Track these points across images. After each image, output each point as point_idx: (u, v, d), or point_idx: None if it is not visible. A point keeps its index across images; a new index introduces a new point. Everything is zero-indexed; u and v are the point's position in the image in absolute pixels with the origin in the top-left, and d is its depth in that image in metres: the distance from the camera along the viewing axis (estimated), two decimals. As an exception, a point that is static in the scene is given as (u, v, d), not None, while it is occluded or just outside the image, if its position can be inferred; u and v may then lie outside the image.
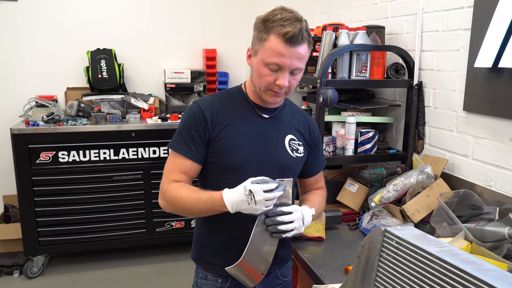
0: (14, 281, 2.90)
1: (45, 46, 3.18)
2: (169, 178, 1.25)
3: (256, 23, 1.20)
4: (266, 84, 1.20)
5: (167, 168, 1.27)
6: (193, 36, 3.47)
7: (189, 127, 1.24)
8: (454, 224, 1.43)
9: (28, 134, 2.74)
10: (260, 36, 1.17)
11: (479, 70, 1.59)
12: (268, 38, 1.15)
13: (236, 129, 1.24)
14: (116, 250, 3.20)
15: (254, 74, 1.22)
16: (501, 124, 1.54)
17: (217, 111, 1.24)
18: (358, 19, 2.48)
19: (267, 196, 1.10)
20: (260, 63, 1.18)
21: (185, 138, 1.24)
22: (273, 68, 1.17)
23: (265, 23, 1.16)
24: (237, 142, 1.23)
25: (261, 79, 1.20)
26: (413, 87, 1.91)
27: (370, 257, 0.95)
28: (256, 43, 1.19)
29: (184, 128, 1.25)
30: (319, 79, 1.75)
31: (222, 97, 1.30)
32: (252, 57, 1.22)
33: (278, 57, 1.15)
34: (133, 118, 2.99)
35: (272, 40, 1.15)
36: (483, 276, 0.73)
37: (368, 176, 1.87)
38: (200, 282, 1.33)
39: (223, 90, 1.35)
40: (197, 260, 1.35)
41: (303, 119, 1.37)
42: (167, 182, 1.24)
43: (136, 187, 3.00)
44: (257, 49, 1.19)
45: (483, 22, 1.54)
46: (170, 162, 1.26)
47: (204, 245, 1.32)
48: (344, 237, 1.70)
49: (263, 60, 1.17)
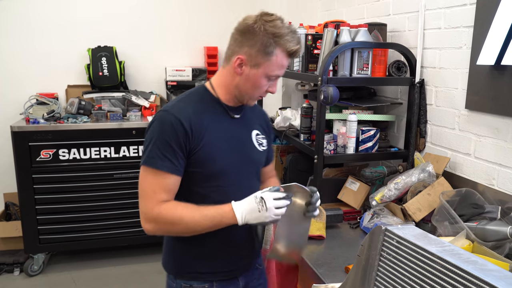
0: (15, 279, 2.90)
1: (46, 43, 3.18)
2: (156, 199, 1.15)
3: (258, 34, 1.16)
4: (261, 93, 1.24)
5: (149, 188, 1.16)
6: (194, 34, 3.46)
7: (167, 139, 1.14)
8: (456, 223, 1.42)
9: (28, 132, 2.73)
10: (267, 50, 1.16)
11: (482, 67, 1.57)
12: (275, 52, 1.17)
13: (213, 135, 1.21)
14: (116, 248, 3.20)
15: (247, 84, 1.21)
16: (503, 122, 1.53)
17: (194, 118, 1.18)
18: (360, 16, 2.46)
19: (278, 203, 1.14)
20: (261, 76, 1.19)
21: (164, 152, 1.14)
22: (272, 79, 1.22)
23: (274, 37, 1.16)
24: (216, 147, 1.21)
25: (256, 89, 1.22)
26: (415, 85, 1.90)
27: (370, 256, 0.94)
28: (259, 56, 1.17)
29: (161, 141, 1.14)
30: (320, 77, 1.74)
31: (192, 101, 1.23)
32: (248, 67, 1.19)
33: (281, 70, 1.21)
34: (134, 116, 2.98)
35: (279, 55, 1.17)
36: (485, 276, 0.72)
37: (369, 175, 1.86)
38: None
39: (189, 93, 1.27)
40: (178, 274, 1.27)
41: (259, 112, 1.41)
42: (155, 204, 1.15)
43: (137, 185, 2.97)
44: (260, 62, 1.18)
45: (486, 19, 1.53)
46: (151, 181, 1.16)
47: (186, 255, 1.26)
48: (345, 235, 1.69)
49: (267, 74, 1.19)
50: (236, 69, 1.20)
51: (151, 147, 1.15)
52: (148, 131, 1.18)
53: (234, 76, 1.22)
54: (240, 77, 1.21)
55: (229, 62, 1.23)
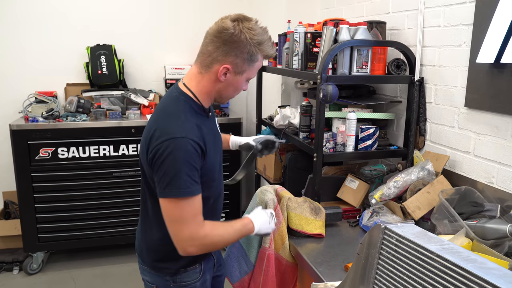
0: (14, 277, 2.90)
1: (45, 41, 3.17)
2: (198, 222, 1.20)
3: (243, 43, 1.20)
4: (238, 93, 1.33)
5: (189, 214, 1.18)
6: (193, 32, 3.45)
7: (193, 164, 1.17)
8: (455, 221, 1.42)
9: (27, 130, 2.73)
10: (253, 58, 1.24)
11: (481, 65, 1.57)
12: (258, 59, 1.26)
13: (208, 143, 1.25)
14: (116, 247, 3.20)
15: (229, 88, 1.28)
16: (503, 121, 1.52)
17: (199, 135, 1.21)
18: (359, 14, 2.45)
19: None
20: (242, 81, 1.28)
21: (193, 177, 1.17)
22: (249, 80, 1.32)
23: (256, 45, 1.22)
24: (212, 155, 1.28)
25: (237, 91, 1.31)
26: (414, 83, 1.89)
27: (369, 254, 0.94)
28: (245, 64, 1.24)
29: (189, 168, 1.16)
30: (319, 75, 1.73)
31: (188, 116, 1.23)
32: (233, 75, 1.24)
33: (257, 71, 1.32)
34: (133, 114, 2.98)
35: (260, 60, 1.27)
36: (484, 274, 0.72)
37: (368, 173, 1.85)
38: (178, 277, 1.36)
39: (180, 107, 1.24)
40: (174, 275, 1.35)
41: None
42: (199, 227, 1.20)
43: (136, 184, 2.99)
44: (245, 69, 1.25)
45: (485, 17, 1.52)
46: (188, 208, 1.18)
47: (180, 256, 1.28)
48: (344, 234, 1.69)
49: (248, 77, 1.29)
50: (220, 77, 1.24)
51: (181, 176, 1.15)
52: (165, 160, 1.15)
53: (215, 83, 1.26)
54: (223, 84, 1.26)
55: (209, 70, 1.24)
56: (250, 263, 1.61)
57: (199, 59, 1.27)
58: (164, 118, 1.22)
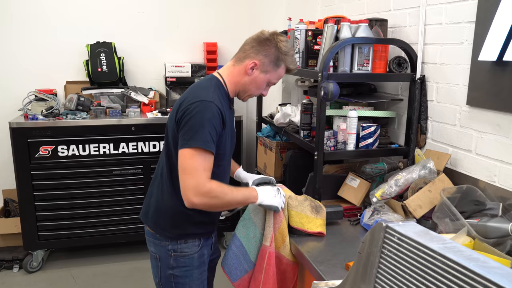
0: (14, 275, 2.90)
1: (45, 39, 3.16)
2: (206, 176, 1.34)
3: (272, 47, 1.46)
4: (257, 93, 1.55)
5: (200, 166, 1.33)
6: (193, 30, 3.44)
7: (214, 125, 1.35)
8: (457, 220, 1.41)
9: (27, 128, 2.72)
10: (277, 63, 1.48)
11: (484, 63, 1.56)
12: (281, 66, 1.50)
13: (227, 124, 1.45)
14: (116, 245, 3.20)
15: (252, 84, 1.49)
16: (505, 119, 1.51)
17: (223, 109, 1.41)
18: (360, 12, 2.44)
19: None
20: (265, 80, 1.50)
21: (213, 136, 1.35)
22: (270, 85, 1.55)
23: (282, 54, 1.47)
24: (228, 134, 1.48)
25: (257, 90, 1.52)
26: (416, 81, 1.88)
27: (371, 253, 0.93)
28: (270, 65, 1.48)
29: (210, 126, 1.34)
30: (321, 73, 1.73)
31: (218, 93, 1.44)
32: (258, 71, 1.48)
33: (278, 80, 1.55)
34: (133, 112, 2.97)
35: (282, 70, 1.51)
36: (487, 273, 0.71)
37: (369, 171, 1.85)
38: (179, 247, 1.51)
39: (213, 85, 1.46)
40: (179, 236, 1.50)
41: None
42: (206, 180, 1.33)
43: (136, 182, 2.99)
44: (269, 70, 1.48)
45: (488, 15, 1.51)
46: (201, 160, 1.33)
47: (184, 223, 1.49)
48: (345, 232, 1.68)
49: (269, 80, 1.51)
50: (248, 71, 1.47)
51: (203, 130, 1.33)
52: (193, 117, 1.34)
53: (243, 75, 1.49)
54: (249, 77, 1.48)
55: (241, 63, 1.49)
56: (250, 262, 1.61)
57: (236, 56, 1.52)
58: (196, 89, 1.45)
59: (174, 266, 1.52)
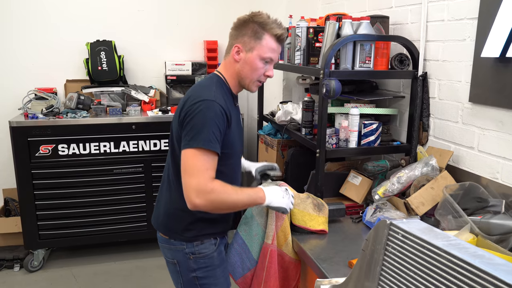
0: (15, 274, 2.90)
1: (44, 37, 3.15)
2: (209, 176, 1.30)
3: (248, 24, 1.41)
4: (258, 76, 1.45)
5: (203, 166, 1.29)
6: (194, 28, 3.43)
7: (218, 125, 1.32)
8: (460, 217, 1.41)
9: (27, 127, 2.72)
10: (257, 35, 1.40)
11: (486, 60, 1.55)
12: (264, 37, 1.40)
13: (233, 122, 1.42)
14: (117, 244, 3.20)
15: (246, 68, 1.43)
16: (508, 115, 1.51)
17: (227, 107, 1.38)
18: (361, 9, 2.43)
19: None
20: (255, 58, 1.41)
21: (216, 135, 1.32)
22: (267, 61, 1.43)
23: (261, 25, 1.40)
24: (235, 133, 1.44)
25: (254, 71, 1.43)
26: (418, 78, 1.88)
27: (375, 250, 0.93)
28: (252, 41, 1.40)
29: (213, 125, 1.31)
30: (322, 70, 1.72)
31: (221, 91, 1.42)
32: (244, 53, 1.42)
33: (273, 53, 1.43)
34: (133, 110, 2.96)
35: (268, 39, 1.41)
36: (493, 270, 0.70)
37: (371, 169, 1.84)
38: (196, 249, 1.47)
39: (215, 82, 1.44)
40: (194, 238, 1.46)
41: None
42: (209, 180, 1.29)
43: (137, 180, 2.98)
44: (253, 46, 1.41)
45: (491, 11, 1.50)
46: (203, 160, 1.30)
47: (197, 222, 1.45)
48: (347, 230, 1.67)
49: (260, 55, 1.41)
50: (234, 57, 1.43)
51: (205, 130, 1.30)
52: (195, 117, 1.32)
53: (234, 64, 1.44)
54: (239, 63, 1.43)
55: (228, 54, 1.46)
56: (252, 260, 1.60)
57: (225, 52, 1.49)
58: (198, 89, 1.42)
59: (195, 268, 1.48)
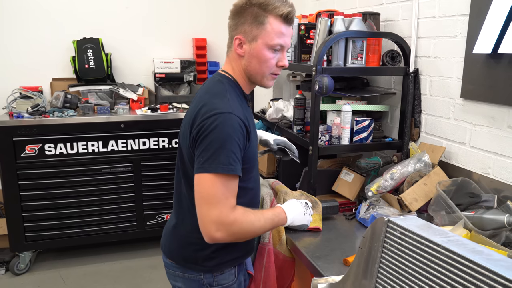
0: (0, 278, 2.83)
1: (29, 35, 3.08)
2: (230, 205, 1.11)
3: (246, 9, 1.17)
4: (270, 68, 1.21)
5: (222, 195, 1.09)
6: (182, 25, 3.39)
7: (238, 141, 1.12)
8: (453, 212, 1.41)
9: (12, 127, 2.65)
10: (259, 20, 1.16)
11: (478, 56, 1.55)
12: (267, 20, 1.16)
13: (251, 126, 1.22)
14: (106, 244, 3.15)
15: (253, 61, 1.20)
16: (499, 111, 1.52)
17: (244, 116, 1.17)
18: (352, 6, 2.43)
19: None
20: (261, 48, 1.18)
21: (237, 155, 1.11)
22: (277, 49, 1.19)
23: (261, 6, 1.16)
24: (254, 144, 1.25)
25: (264, 64, 1.20)
26: (409, 75, 1.88)
27: (372, 248, 0.92)
28: (254, 28, 1.17)
29: (233, 144, 1.10)
30: (315, 67, 1.71)
31: (234, 96, 1.21)
32: (248, 44, 1.19)
33: (281, 38, 1.19)
34: (121, 109, 2.92)
35: (273, 22, 1.17)
36: (493, 266, 0.70)
37: (364, 165, 1.84)
38: (215, 280, 1.27)
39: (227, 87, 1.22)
40: (216, 267, 1.27)
41: None
42: (230, 211, 1.10)
43: (126, 180, 2.94)
44: (256, 34, 1.18)
45: (482, 7, 1.51)
46: (223, 186, 1.09)
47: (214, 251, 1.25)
48: (341, 227, 1.67)
49: (266, 44, 1.18)
50: (237, 51, 1.21)
51: (225, 151, 1.09)
52: (210, 134, 1.10)
53: (239, 59, 1.23)
54: (244, 57, 1.21)
55: (230, 49, 1.24)
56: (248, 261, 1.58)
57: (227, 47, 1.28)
58: (210, 97, 1.18)
59: None
